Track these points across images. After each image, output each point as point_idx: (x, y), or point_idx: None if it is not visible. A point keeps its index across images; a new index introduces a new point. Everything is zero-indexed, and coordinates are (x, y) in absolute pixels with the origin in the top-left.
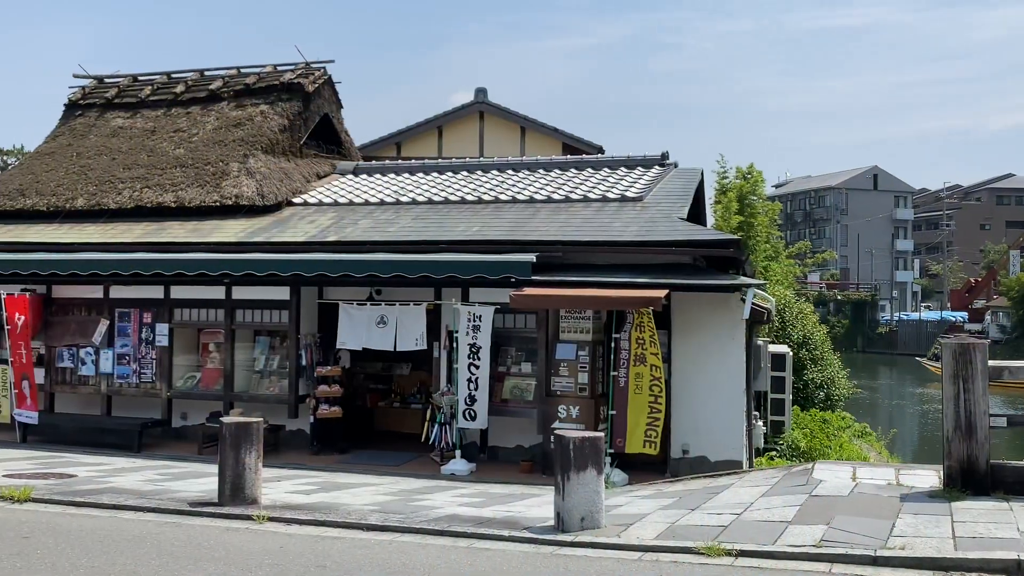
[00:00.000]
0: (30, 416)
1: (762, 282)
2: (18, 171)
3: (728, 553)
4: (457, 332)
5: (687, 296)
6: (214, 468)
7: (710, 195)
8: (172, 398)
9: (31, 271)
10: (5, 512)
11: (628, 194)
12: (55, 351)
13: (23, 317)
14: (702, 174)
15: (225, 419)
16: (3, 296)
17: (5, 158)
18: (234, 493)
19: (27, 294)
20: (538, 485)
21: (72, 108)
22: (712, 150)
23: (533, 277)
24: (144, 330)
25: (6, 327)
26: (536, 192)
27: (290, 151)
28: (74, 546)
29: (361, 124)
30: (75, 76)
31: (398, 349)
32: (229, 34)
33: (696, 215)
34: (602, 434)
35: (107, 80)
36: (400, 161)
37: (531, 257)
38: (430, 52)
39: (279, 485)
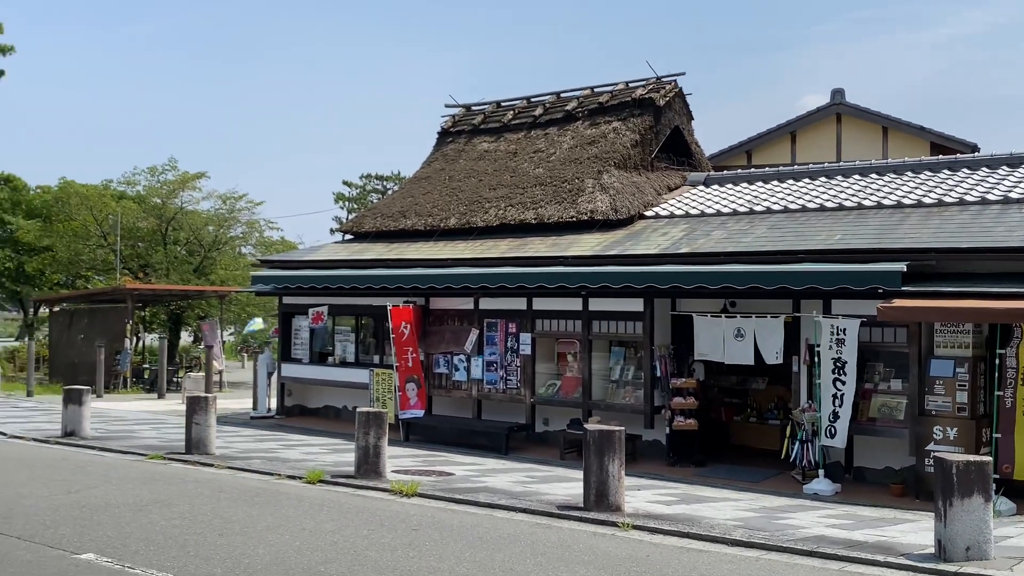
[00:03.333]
0: (416, 414)
1: None
2: (399, 195)
3: None
4: (818, 346)
5: None
6: (576, 473)
7: None
8: (535, 404)
9: (412, 285)
10: (396, 505)
11: (1012, 195)
12: (432, 358)
13: (408, 326)
14: None
15: (588, 427)
16: (389, 307)
17: (384, 183)
18: (599, 499)
19: (410, 305)
20: (911, 510)
21: (444, 135)
22: None
23: (903, 288)
24: (509, 339)
25: (391, 335)
26: (904, 196)
27: (641, 165)
28: (457, 541)
29: (710, 133)
30: (446, 106)
31: (758, 363)
32: (584, 54)
33: None
34: (989, 459)
35: (474, 108)
36: (752, 169)
37: (901, 266)
38: (778, 56)
39: (639, 494)
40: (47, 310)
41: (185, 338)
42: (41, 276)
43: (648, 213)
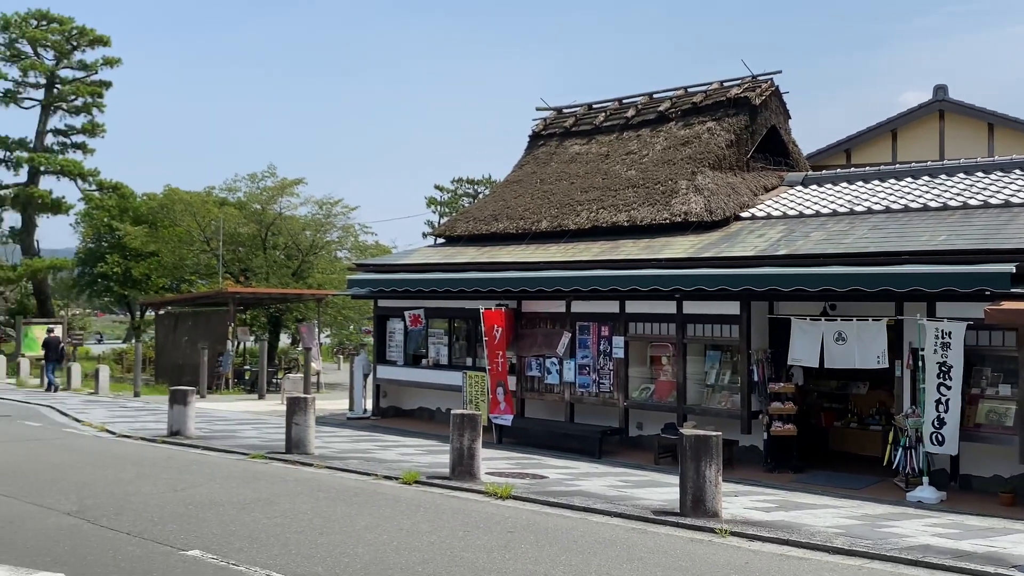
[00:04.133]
0: (505, 419)
1: None
2: (491, 199)
3: None
4: (922, 350)
5: None
6: (671, 478)
7: None
8: (628, 408)
9: (504, 288)
10: (491, 507)
11: None
12: (524, 360)
13: (500, 329)
14: None
15: (684, 431)
16: (482, 310)
17: (476, 187)
18: (695, 505)
19: (502, 308)
20: (1023, 520)
21: (535, 139)
22: None
23: (1012, 290)
24: (602, 343)
25: (484, 338)
26: (1012, 195)
27: (736, 165)
28: (552, 544)
29: (807, 133)
30: (537, 109)
31: (859, 367)
32: (678, 54)
33: None
34: None
35: (565, 111)
36: (852, 169)
37: (1009, 267)
38: (877, 52)
39: (736, 500)
40: (153, 313)
41: (284, 340)
42: (147, 280)
43: (744, 214)
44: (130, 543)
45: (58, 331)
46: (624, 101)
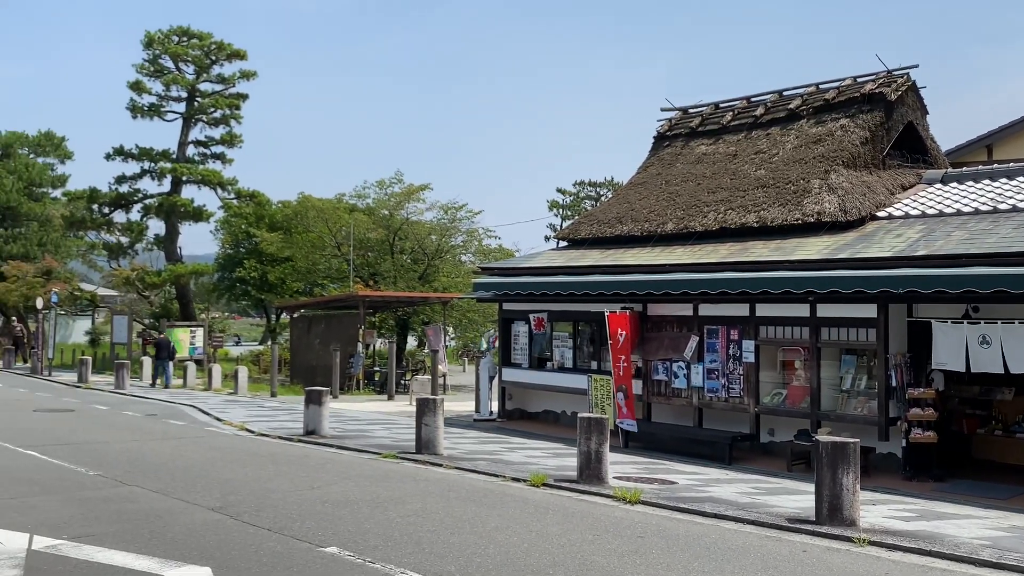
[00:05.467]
0: (630, 424)
1: None
2: (615, 201)
3: None
4: None
5: None
6: (805, 486)
7: None
8: (759, 413)
9: (629, 291)
10: (620, 512)
11: None
12: (651, 364)
13: (624, 333)
14: None
15: (820, 438)
16: (607, 313)
17: (598, 189)
18: (831, 513)
19: (627, 312)
20: None
21: (660, 140)
22: None
23: None
24: (731, 346)
25: (608, 341)
26: None
27: (872, 163)
28: (684, 550)
29: (945, 128)
30: (662, 110)
31: (1010, 372)
32: (806, 50)
33: None
34: None
35: (690, 111)
36: (994, 166)
37: None
38: (1017, 43)
39: (874, 508)
40: (287, 316)
41: (411, 342)
42: (282, 284)
43: (880, 214)
44: (271, 539)
45: (196, 332)
46: (752, 99)
